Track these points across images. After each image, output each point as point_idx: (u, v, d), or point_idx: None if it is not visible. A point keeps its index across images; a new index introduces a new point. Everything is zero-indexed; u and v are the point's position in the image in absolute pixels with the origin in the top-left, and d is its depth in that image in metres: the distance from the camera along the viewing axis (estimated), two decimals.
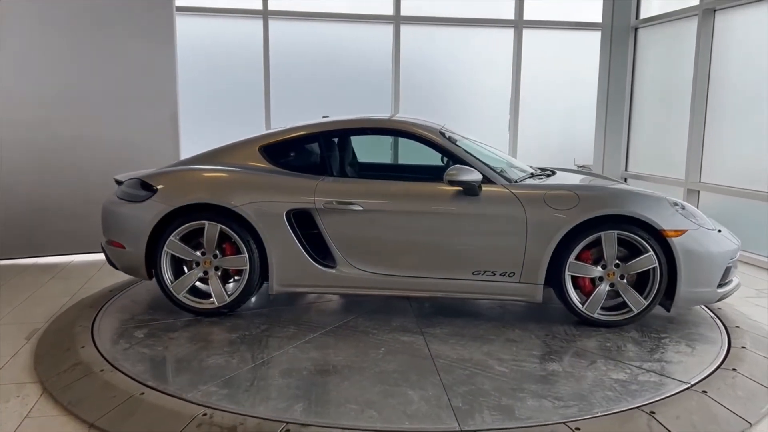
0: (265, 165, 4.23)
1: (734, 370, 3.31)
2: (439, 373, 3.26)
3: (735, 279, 4.08)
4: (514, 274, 3.88)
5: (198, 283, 4.15)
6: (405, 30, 7.43)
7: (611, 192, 3.90)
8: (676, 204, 3.85)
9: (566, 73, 7.97)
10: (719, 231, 3.93)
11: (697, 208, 5.45)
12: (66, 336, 3.82)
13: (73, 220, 6.01)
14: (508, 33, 7.72)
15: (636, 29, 7.76)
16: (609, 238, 3.76)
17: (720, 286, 3.87)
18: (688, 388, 3.06)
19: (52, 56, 5.84)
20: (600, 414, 2.80)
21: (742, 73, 6.14)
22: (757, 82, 5.91)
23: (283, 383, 3.14)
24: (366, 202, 3.96)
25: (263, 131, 6.82)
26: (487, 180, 3.94)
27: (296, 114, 6.96)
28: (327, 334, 3.86)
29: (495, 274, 3.91)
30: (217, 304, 4.07)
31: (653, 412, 2.82)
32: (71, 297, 4.76)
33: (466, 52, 7.80)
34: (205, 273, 4.09)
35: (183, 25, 6.60)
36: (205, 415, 2.79)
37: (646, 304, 3.82)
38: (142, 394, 3.00)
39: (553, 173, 4.65)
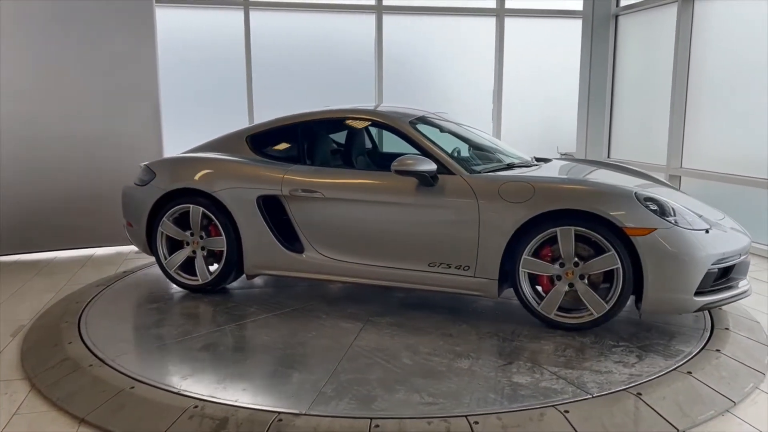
0: (250, 154, 4.45)
1: (718, 351, 3.37)
2: (341, 360, 3.26)
3: (741, 286, 3.62)
4: (469, 267, 3.72)
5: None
6: (387, 20, 7.40)
7: (571, 185, 3.66)
8: (648, 200, 3.47)
9: (548, 61, 7.99)
10: (707, 231, 3.47)
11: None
12: (53, 332, 3.79)
13: (58, 216, 5.95)
14: (490, 21, 7.73)
15: (617, 16, 7.80)
16: (565, 235, 3.46)
17: (700, 293, 3.41)
18: (592, 398, 2.83)
19: (33, 52, 5.75)
20: (589, 397, 2.83)
21: (722, 60, 6.20)
22: (736, 69, 5.97)
23: (193, 356, 3.36)
24: (327, 191, 4.02)
25: (246, 122, 6.81)
26: (446, 170, 3.81)
27: (278, 105, 6.93)
28: (278, 315, 3.98)
29: (450, 267, 3.77)
30: (200, 282, 4.38)
31: (640, 394, 2.86)
32: (56, 293, 4.71)
33: (449, 42, 7.78)
34: (194, 252, 4.35)
35: (163, 16, 6.52)
36: (196, 407, 2.79)
37: (608, 308, 3.47)
38: (132, 388, 2.99)
39: (548, 161, 4.58)
